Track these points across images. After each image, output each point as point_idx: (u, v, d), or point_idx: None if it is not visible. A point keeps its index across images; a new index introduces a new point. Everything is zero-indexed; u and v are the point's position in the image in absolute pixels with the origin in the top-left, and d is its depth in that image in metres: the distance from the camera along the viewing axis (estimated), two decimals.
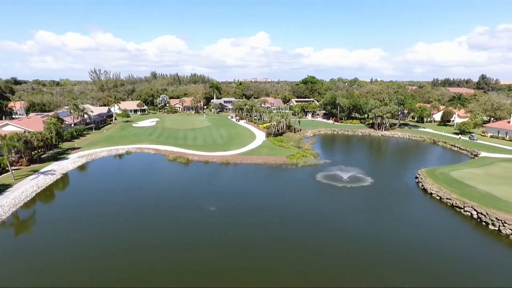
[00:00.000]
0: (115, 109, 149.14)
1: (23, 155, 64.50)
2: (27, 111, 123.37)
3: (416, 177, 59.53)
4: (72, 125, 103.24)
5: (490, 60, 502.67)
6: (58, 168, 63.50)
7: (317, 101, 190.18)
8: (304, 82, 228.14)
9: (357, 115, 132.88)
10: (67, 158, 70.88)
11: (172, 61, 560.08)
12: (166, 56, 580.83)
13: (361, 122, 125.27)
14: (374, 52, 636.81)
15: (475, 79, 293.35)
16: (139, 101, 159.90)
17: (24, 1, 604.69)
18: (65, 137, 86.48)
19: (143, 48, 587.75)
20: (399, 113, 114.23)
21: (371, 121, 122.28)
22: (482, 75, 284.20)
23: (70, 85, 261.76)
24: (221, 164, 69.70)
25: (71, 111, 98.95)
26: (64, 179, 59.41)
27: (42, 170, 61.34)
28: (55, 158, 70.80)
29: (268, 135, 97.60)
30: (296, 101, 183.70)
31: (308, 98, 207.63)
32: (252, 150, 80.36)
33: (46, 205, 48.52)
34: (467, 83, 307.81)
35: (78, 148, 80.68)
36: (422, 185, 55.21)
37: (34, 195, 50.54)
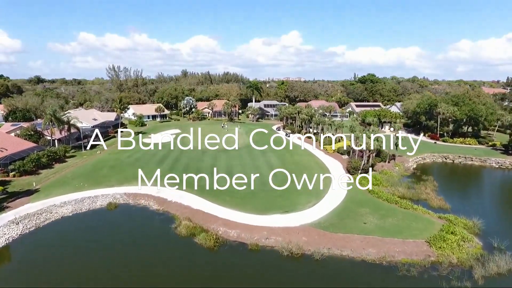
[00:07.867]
0: (128, 114, 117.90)
1: None
2: (6, 118, 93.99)
3: None
4: (56, 141, 71.53)
5: None
6: None
7: (382, 105, 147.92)
8: (362, 81, 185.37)
9: (469, 130, 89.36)
10: None
11: (205, 60, 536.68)
12: (199, 55, 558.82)
13: (478, 142, 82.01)
14: (412, 50, 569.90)
15: None
16: (159, 104, 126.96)
17: (68, 4, 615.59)
18: (25, 167, 53.93)
19: (177, 48, 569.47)
20: None
21: (498, 142, 79.07)
22: None
23: (98, 84, 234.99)
24: (287, 256, 32.12)
25: (48, 123, 66.38)
26: None
27: None
28: None
29: (349, 168, 58.57)
30: (357, 105, 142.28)
31: (368, 101, 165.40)
32: (337, 211, 41.90)
33: None
34: None
35: (34, 191, 47.14)
36: None
37: None
